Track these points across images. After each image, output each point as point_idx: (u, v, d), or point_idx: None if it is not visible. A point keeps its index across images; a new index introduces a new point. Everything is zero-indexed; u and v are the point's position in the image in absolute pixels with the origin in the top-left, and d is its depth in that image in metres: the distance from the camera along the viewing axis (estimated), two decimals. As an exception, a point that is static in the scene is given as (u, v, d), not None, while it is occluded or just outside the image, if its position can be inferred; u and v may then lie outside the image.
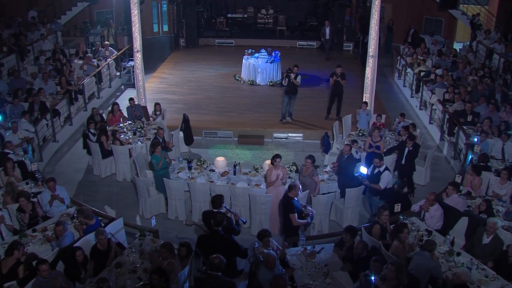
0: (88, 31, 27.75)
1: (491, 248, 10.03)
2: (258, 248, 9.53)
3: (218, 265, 8.24)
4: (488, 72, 20.35)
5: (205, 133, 17.66)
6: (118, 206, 13.40)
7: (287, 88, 17.60)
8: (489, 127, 15.17)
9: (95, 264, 9.45)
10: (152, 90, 20.71)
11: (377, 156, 12.72)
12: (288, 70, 17.67)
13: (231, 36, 30.31)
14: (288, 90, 17.60)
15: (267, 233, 9.58)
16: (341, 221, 12.75)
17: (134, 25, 17.29)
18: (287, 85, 17.51)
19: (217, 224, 9.45)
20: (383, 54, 26.75)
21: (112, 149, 14.63)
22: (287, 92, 17.65)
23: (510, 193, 12.23)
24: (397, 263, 8.28)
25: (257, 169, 13.48)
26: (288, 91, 17.63)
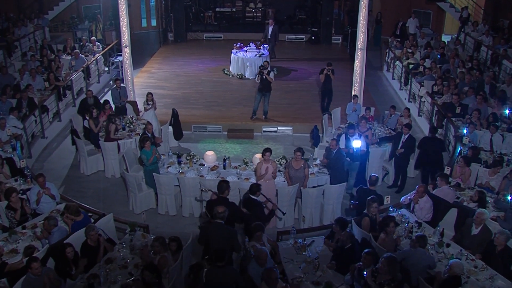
0: (76, 26, 27.54)
1: (480, 239, 10.09)
2: (249, 243, 9.54)
3: (222, 214, 9.31)
4: (476, 64, 20.44)
5: (194, 128, 17.63)
6: (108, 202, 13.43)
7: (260, 86, 17.55)
8: (478, 119, 15.23)
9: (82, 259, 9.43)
10: (141, 85, 20.64)
11: (350, 127, 13.68)
12: (261, 67, 17.68)
13: (220, 30, 30.22)
14: (262, 88, 17.54)
15: (260, 228, 9.58)
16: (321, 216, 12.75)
17: (122, 20, 17.22)
18: (261, 83, 17.48)
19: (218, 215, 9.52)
20: (372, 47, 26.81)
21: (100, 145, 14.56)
22: (261, 90, 17.56)
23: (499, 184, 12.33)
24: (390, 257, 8.29)
25: (246, 163, 13.48)
26: (261, 89, 17.56)
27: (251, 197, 10.57)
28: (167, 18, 29.79)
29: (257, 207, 10.58)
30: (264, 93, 17.58)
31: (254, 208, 10.51)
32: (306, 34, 29.68)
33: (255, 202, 10.59)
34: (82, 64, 20.58)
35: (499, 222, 10.75)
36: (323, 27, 28.84)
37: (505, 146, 14.22)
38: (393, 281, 8.18)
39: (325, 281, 8.87)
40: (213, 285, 8.40)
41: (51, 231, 9.94)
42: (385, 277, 8.24)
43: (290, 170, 12.37)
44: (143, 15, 32.49)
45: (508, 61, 20.66)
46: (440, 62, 21.27)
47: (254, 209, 10.50)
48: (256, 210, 10.52)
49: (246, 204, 10.69)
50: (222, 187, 10.38)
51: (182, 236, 10.29)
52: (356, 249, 9.37)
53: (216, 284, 8.37)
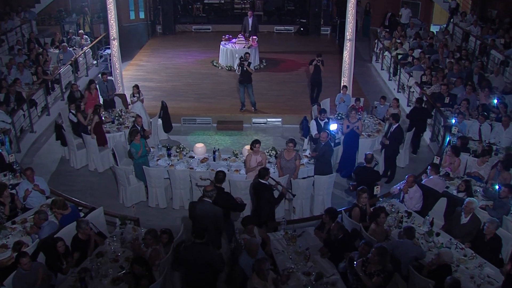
0: (63, 20, 27.31)
1: (469, 228, 10.17)
2: (240, 235, 9.56)
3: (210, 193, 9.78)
4: (464, 54, 20.51)
5: (183, 120, 17.60)
6: (98, 195, 13.40)
7: (241, 78, 17.57)
8: (466, 108, 15.30)
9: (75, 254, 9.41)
10: (129, 78, 20.52)
11: (322, 111, 14.28)
12: (241, 59, 17.69)
13: (208, 22, 30.17)
14: (243, 80, 17.55)
15: (251, 221, 9.61)
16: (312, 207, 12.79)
17: (110, 13, 17.13)
18: (241, 75, 17.51)
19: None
20: (361, 38, 26.83)
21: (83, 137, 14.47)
22: (242, 82, 17.58)
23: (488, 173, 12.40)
24: (380, 247, 8.32)
25: (236, 154, 13.48)
26: (242, 81, 17.57)
27: (260, 181, 10.83)
28: (155, 10, 29.65)
29: (266, 191, 10.86)
30: (245, 84, 17.58)
31: (263, 192, 10.83)
32: (295, 26, 29.68)
33: (264, 186, 10.84)
34: (70, 58, 20.45)
35: (488, 211, 10.82)
36: (311, 18, 28.86)
37: (494, 136, 14.29)
38: (382, 272, 8.22)
39: (316, 271, 8.91)
40: (188, 261, 8.68)
41: (41, 225, 9.91)
42: (375, 267, 8.29)
43: (281, 160, 12.39)
44: (131, 7, 32.32)
45: (496, 51, 20.76)
46: (429, 52, 21.33)
47: (264, 193, 10.81)
48: (266, 194, 10.84)
49: (256, 188, 10.96)
50: (220, 177, 10.53)
51: (173, 228, 10.31)
52: (348, 239, 9.42)
53: (191, 260, 8.64)
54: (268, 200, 10.87)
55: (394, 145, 13.87)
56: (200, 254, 8.61)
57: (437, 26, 28.87)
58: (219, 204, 10.02)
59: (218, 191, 10.21)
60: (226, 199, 10.31)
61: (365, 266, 8.39)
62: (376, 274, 8.22)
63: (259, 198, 11.04)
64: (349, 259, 8.77)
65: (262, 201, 10.91)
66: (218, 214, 9.76)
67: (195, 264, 8.63)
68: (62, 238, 9.26)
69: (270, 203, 10.93)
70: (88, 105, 15.40)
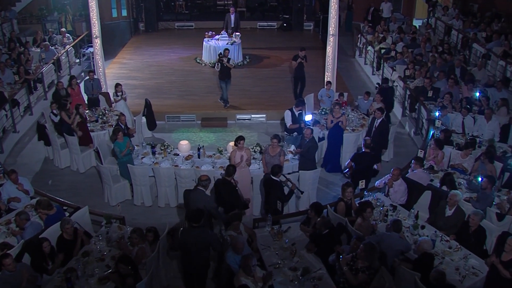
0: (44, 18, 27.06)
1: (454, 220, 10.26)
2: (226, 232, 9.56)
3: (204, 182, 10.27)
4: (447, 48, 20.63)
5: (168, 118, 17.56)
6: (83, 195, 13.33)
7: (221, 74, 17.64)
8: (449, 102, 15.39)
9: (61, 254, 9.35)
10: (112, 76, 20.42)
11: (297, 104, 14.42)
12: (220, 55, 17.74)
13: (191, 19, 30.08)
14: (222, 75, 17.63)
15: (237, 217, 9.61)
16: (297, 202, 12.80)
17: (92, 11, 17.07)
18: (221, 71, 17.55)
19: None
20: (344, 33, 26.91)
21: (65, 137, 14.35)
22: (222, 78, 17.65)
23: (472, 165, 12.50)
24: (369, 243, 8.34)
25: (221, 151, 13.46)
26: (222, 77, 17.65)
27: (272, 178, 11.03)
28: (138, 7, 29.49)
29: (276, 187, 11.05)
30: (226, 80, 17.65)
31: (274, 188, 11.03)
32: (277, 21, 29.70)
33: (275, 182, 11.01)
34: (52, 56, 20.30)
35: (472, 203, 10.93)
36: (294, 14, 28.90)
37: (477, 128, 14.41)
38: (368, 269, 8.23)
39: (302, 266, 8.94)
40: (187, 244, 8.99)
41: (24, 226, 9.83)
42: (362, 263, 8.30)
43: (266, 156, 12.41)
44: (113, 5, 32.14)
45: (478, 44, 20.92)
46: (412, 46, 21.43)
47: (274, 190, 11.02)
48: (277, 191, 11.03)
49: (267, 184, 11.24)
50: (230, 170, 10.86)
51: (159, 226, 10.26)
52: (333, 234, 9.45)
53: (190, 243, 8.94)
54: (278, 197, 11.04)
55: (380, 139, 13.93)
56: (198, 237, 8.92)
57: (420, 20, 29.06)
58: (222, 195, 10.68)
59: (224, 183, 10.74)
60: (229, 193, 10.73)
61: (354, 261, 8.42)
62: (362, 271, 8.24)
63: (268, 193, 11.28)
64: (336, 253, 8.80)
65: (271, 197, 11.13)
66: (210, 203, 10.14)
67: (194, 247, 8.93)
68: (47, 239, 9.20)
69: (280, 200, 11.09)
70: (73, 102, 15.32)
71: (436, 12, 26.56)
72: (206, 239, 9.01)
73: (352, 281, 8.30)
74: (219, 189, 10.95)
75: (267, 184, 11.25)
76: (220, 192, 10.87)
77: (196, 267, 9.25)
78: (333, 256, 8.94)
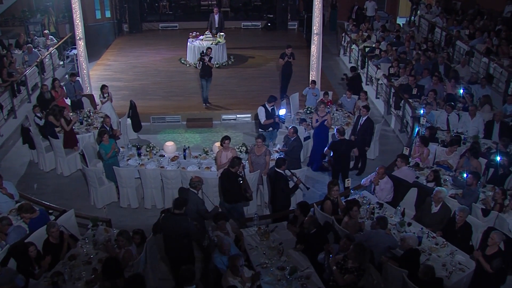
0: (27, 20, 26.85)
1: (440, 217, 10.33)
2: (213, 232, 9.55)
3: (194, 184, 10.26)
4: (431, 46, 20.77)
5: (153, 119, 17.51)
6: (69, 198, 13.25)
7: (202, 72, 17.71)
8: (434, 99, 15.47)
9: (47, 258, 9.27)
10: (97, 78, 20.31)
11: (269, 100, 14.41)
12: (202, 54, 17.85)
13: (175, 19, 29.96)
14: (204, 74, 17.68)
15: (222, 217, 9.61)
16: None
17: (75, 12, 16.95)
18: (202, 69, 17.62)
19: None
20: (328, 32, 26.99)
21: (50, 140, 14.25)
22: (203, 76, 17.70)
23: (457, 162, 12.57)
24: (358, 244, 8.34)
25: (207, 152, 13.43)
26: (203, 75, 17.69)
27: (277, 171, 11.14)
28: (121, 9, 29.34)
29: (282, 180, 11.18)
30: (207, 78, 17.70)
31: (279, 181, 11.17)
32: (262, 21, 29.71)
33: (280, 175, 11.14)
34: (35, 59, 20.13)
35: (458, 199, 10.99)
36: (278, 13, 28.92)
37: (461, 125, 14.51)
38: (357, 270, 8.23)
39: (290, 265, 8.94)
40: (166, 229, 9.46)
41: (6, 231, 9.71)
42: (352, 263, 8.30)
43: (252, 156, 12.43)
44: (97, 6, 31.91)
45: (461, 41, 21.06)
46: (396, 44, 21.52)
47: (279, 183, 11.17)
48: (281, 184, 11.17)
49: (272, 177, 11.40)
50: (234, 162, 10.96)
51: (145, 228, 10.23)
52: (321, 233, 9.46)
53: (169, 228, 9.40)
54: (282, 189, 11.21)
55: (365, 137, 13.97)
56: (176, 224, 9.27)
57: (404, 18, 29.21)
58: (225, 186, 11.02)
59: (228, 174, 10.93)
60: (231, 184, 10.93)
61: (345, 261, 8.42)
62: (351, 271, 8.24)
63: (274, 186, 11.40)
64: (326, 251, 8.80)
65: (278, 189, 11.27)
66: (200, 205, 10.20)
67: (174, 233, 9.31)
68: (33, 243, 9.13)
69: (284, 193, 11.32)
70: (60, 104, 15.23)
71: (420, 10, 26.70)
72: (184, 227, 9.28)
73: (339, 281, 8.29)
74: (223, 180, 11.17)
75: (271, 177, 11.42)
76: (224, 183, 11.12)
77: (176, 253, 9.50)
78: (322, 254, 8.95)
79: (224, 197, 11.27)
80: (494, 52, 19.37)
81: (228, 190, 11.07)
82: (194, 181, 10.36)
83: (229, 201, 11.11)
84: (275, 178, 11.19)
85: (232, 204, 11.16)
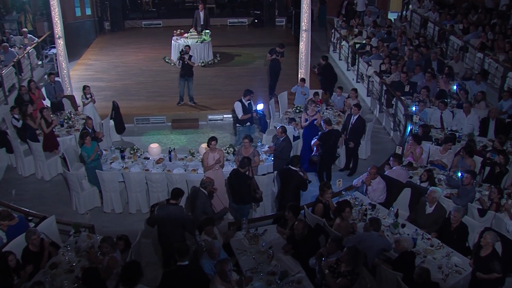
0: (2, 18, 26.65)
1: (435, 217, 10.37)
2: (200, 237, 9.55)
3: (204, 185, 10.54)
4: (423, 41, 20.84)
5: (136, 120, 17.47)
6: (49, 203, 13.19)
7: (182, 71, 17.75)
8: (427, 96, 15.55)
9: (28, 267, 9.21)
10: (78, 78, 20.23)
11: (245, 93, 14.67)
12: (181, 52, 17.84)
13: (159, 16, 29.92)
14: (184, 73, 17.73)
15: (210, 222, 9.61)
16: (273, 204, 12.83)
17: (54, 10, 16.85)
18: (182, 68, 17.65)
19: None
20: (317, 28, 27.06)
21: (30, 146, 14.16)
22: (183, 75, 17.76)
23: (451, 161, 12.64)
24: (352, 248, 8.37)
25: (193, 153, 13.44)
26: (183, 74, 17.75)
27: (291, 168, 11.51)
28: (103, 6, 29.22)
29: (296, 177, 11.46)
30: (187, 78, 17.75)
31: (292, 178, 11.46)
32: (248, 17, 29.70)
33: (293, 172, 11.49)
34: (12, 58, 19.98)
35: (453, 199, 11.06)
36: (266, 9, 28.95)
37: (456, 123, 14.58)
38: (350, 274, 8.26)
39: (280, 270, 8.94)
40: (162, 220, 9.89)
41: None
42: (345, 267, 8.33)
43: (239, 157, 12.39)
44: (77, 3, 31.66)
45: (455, 36, 21.17)
46: (387, 40, 21.59)
47: (293, 180, 11.46)
48: (296, 180, 11.47)
49: (284, 176, 11.72)
50: (244, 162, 11.23)
51: (130, 233, 10.21)
52: (312, 236, 9.48)
53: (164, 219, 9.85)
54: (298, 187, 11.50)
55: (356, 135, 14.02)
56: (172, 214, 9.78)
57: (395, 13, 29.30)
58: (233, 187, 11.38)
59: (237, 174, 11.24)
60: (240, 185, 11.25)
61: (338, 265, 8.45)
62: (344, 275, 8.27)
63: (285, 184, 11.63)
64: (319, 255, 8.83)
65: (289, 187, 11.52)
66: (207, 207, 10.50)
67: (169, 223, 9.78)
68: (12, 252, 9.04)
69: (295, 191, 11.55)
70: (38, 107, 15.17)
71: (412, 4, 26.82)
72: (179, 217, 9.80)
73: (332, 285, 8.32)
74: (231, 180, 11.46)
75: (284, 176, 11.66)
76: (232, 183, 11.43)
77: (169, 241, 9.78)
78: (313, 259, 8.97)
79: (233, 198, 11.64)
80: (489, 47, 19.51)
81: (236, 191, 11.35)
82: (205, 182, 10.66)
83: (238, 202, 11.42)
84: (290, 176, 11.48)
85: (240, 205, 11.44)
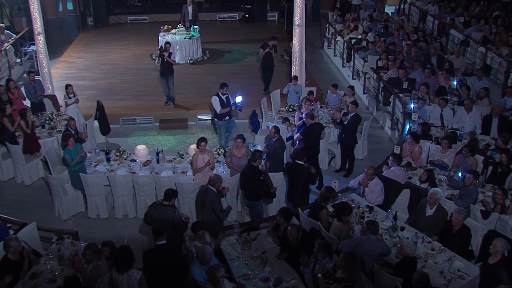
0: (-24, 13, 26.58)
1: (436, 220, 10.34)
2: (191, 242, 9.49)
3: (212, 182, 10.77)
4: (422, 35, 20.80)
5: (122, 121, 17.42)
6: (30, 209, 13.10)
7: (162, 69, 17.67)
8: (426, 93, 15.53)
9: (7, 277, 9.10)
10: (59, 77, 20.15)
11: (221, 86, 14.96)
12: (161, 49, 17.83)
13: (145, 12, 29.90)
14: (164, 71, 17.67)
15: (201, 226, 9.56)
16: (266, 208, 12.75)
17: (33, 4, 16.71)
18: (162, 66, 17.57)
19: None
20: (311, 23, 27.05)
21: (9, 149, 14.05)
22: (163, 73, 17.70)
23: (452, 160, 12.62)
24: (349, 254, 8.31)
25: (182, 155, 13.40)
26: (163, 72, 17.68)
27: (297, 163, 11.66)
28: (85, 0, 29.12)
29: (304, 171, 11.67)
30: (167, 76, 17.69)
31: (300, 173, 11.67)
32: (239, 12, 29.71)
33: (300, 166, 11.66)
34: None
35: (454, 200, 11.03)
36: (257, 4, 28.96)
37: (457, 121, 14.57)
38: (345, 281, 8.20)
39: (274, 276, 8.90)
40: (153, 219, 10.15)
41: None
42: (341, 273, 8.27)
43: (232, 158, 12.40)
44: (57, -3, 31.68)
45: (456, 30, 21.16)
46: (384, 35, 21.57)
47: (301, 175, 11.68)
48: (303, 176, 11.72)
49: (291, 171, 11.98)
50: (256, 155, 11.41)
51: (116, 239, 10.10)
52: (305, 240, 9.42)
53: (156, 219, 10.11)
54: (306, 181, 11.80)
55: (352, 134, 14.00)
56: (163, 215, 10.05)
57: (392, 6, 29.33)
58: (246, 181, 11.54)
59: (250, 168, 11.41)
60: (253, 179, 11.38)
61: (334, 270, 8.39)
62: (338, 281, 8.22)
63: (294, 180, 11.88)
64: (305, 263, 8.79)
65: (298, 183, 11.74)
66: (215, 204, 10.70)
67: (160, 223, 9.90)
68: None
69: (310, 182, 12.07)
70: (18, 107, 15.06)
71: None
72: (170, 217, 10.03)
73: (324, 291, 8.29)
74: (244, 175, 11.64)
75: (291, 171, 11.83)
76: (245, 178, 11.59)
77: None
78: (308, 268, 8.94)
79: (246, 194, 11.74)
80: (492, 40, 19.51)
81: (249, 186, 11.46)
82: (213, 179, 10.85)
83: (251, 198, 11.59)
84: (297, 170, 11.68)
85: (253, 201, 11.52)
